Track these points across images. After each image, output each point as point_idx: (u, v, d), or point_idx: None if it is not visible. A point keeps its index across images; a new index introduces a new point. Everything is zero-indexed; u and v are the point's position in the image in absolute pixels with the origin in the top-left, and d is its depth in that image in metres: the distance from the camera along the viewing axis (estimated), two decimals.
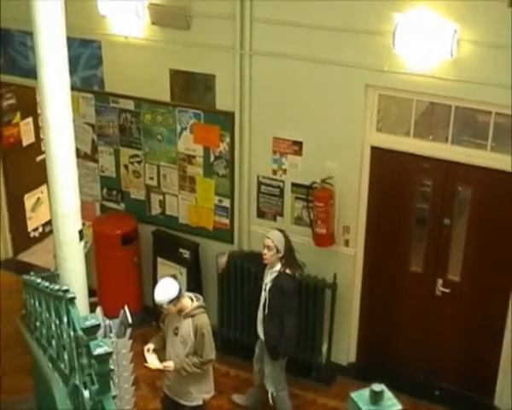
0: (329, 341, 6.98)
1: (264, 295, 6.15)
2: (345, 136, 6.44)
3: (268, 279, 6.11)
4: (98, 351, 2.92)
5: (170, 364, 5.53)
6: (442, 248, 6.55)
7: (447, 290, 6.59)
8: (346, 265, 6.79)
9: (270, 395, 6.36)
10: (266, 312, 6.14)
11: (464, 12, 5.61)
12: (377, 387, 1.96)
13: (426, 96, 6.23)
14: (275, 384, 6.33)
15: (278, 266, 6.05)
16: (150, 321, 7.23)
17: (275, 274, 6.06)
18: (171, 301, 5.40)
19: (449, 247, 6.56)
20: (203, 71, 6.91)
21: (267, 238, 6.07)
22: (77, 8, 6.57)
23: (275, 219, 7.01)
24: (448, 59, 5.73)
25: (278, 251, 6.00)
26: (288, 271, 6.03)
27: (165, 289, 5.43)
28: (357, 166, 6.51)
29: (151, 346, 5.63)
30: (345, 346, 7.13)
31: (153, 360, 5.55)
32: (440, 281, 6.61)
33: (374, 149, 6.47)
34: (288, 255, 6.06)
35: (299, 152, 6.71)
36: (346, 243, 6.77)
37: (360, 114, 6.34)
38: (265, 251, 6.02)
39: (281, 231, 6.21)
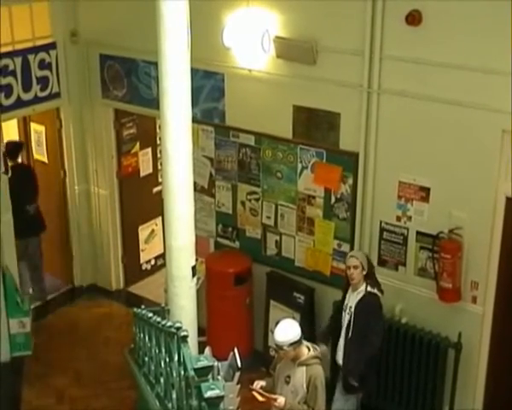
0: (451, 405, 6.77)
1: (347, 318, 6.33)
2: (476, 184, 6.32)
3: (352, 302, 6.31)
4: (210, 394, 3.00)
5: (281, 399, 5.53)
6: None
7: None
8: (472, 324, 6.60)
9: None
10: (350, 335, 6.27)
11: None
12: None
13: None
14: None
15: (363, 286, 6.27)
16: (259, 366, 7.29)
17: (361, 294, 6.26)
18: (292, 344, 5.44)
19: None
20: (327, 108, 7.00)
21: (351, 258, 6.36)
22: (202, 40, 6.83)
23: (396, 269, 6.93)
24: None
25: (363, 268, 6.27)
26: (373, 290, 6.25)
27: (288, 330, 5.49)
28: (490, 218, 6.35)
29: (263, 383, 5.68)
30: None
31: (262, 393, 5.57)
32: None
33: (509, 200, 6.30)
34: (371, 274, 6.32)
35: (425, 198, 6.64)
36: (474, 299, 6.58)
37: (495, 161, 6.20)
38: (352, 271, 6.28)
39: (361, 250, 6.77)
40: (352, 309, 6.28)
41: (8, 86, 8.14)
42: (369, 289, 6.25)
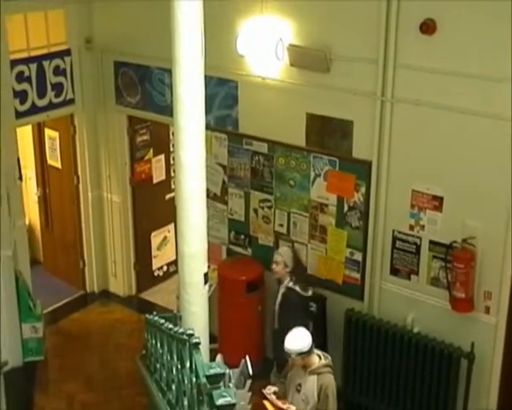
0: None
1: (276, 309, 6.88)
2: (490, 193, 6.28)
3: (279, 294, 6.86)
4: (221, 401, 2.99)
5: (292, 408, 5.52)
6: None
7: None
8: (485, 334, 6.56)
9: None
10: (276, 325, 6.82)
11: None
12: None
13: None
14: None
15: (286, 282, 6.79)
16: (270, 374, 7.27)
17: (283, 289, 6.80)
18: (301, 353, 5.45)
19: None
20: (341, 116, 6.99)
21: (276, 254, 6.95)
22: (216, 47, 6.86)
23: (409, 278, 6.90)
24: None
25: (286, 266, 6.78)
26: (294, 286, 6.73)
27: (299, 338, 5.51)
28: (503, 227, 6.31)
29: (276, 389, 5.68)
30: None
31: (273, 400, 5.57)
32: None
33: None
34: (296, 271, 6.79)
35: (439, 208, 6.61)
36: (487, 310, 6.54)
37: (508, 170, 6.16)
38: (274, 266, 6.85)
39: (290, 247, 7.19)
40: (278, 301, 6.80)
41: (23, 92, 8.20)
42: (290, 285, 6.75)
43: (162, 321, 5.79)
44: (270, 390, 5.64)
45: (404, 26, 6.38)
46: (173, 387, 5.14)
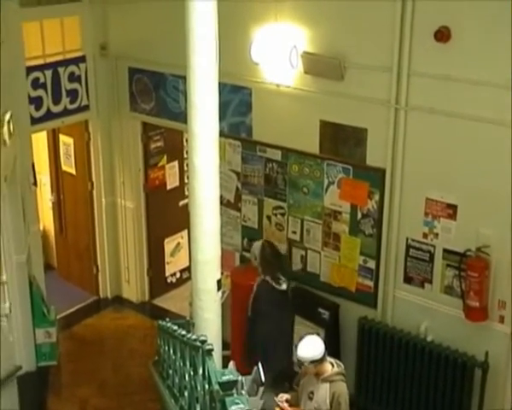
0: None
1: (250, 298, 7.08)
2: (504, 202, 6.23)
3: (255, 285, 7.06)
4: (234, 408, 2.99)
5: None
6: None
7: None
8: (499, 344, 6.51)
9: None
10: (249, 313, 7.00)
11: None
12: None
13: None
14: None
15: (260, 274, 7.00)
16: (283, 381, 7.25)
17: (258, 281, 6.99)
18: (313, 361, 5.43)
19: None
20: (355, 124, 6.98)
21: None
22: (230, 54, 6.84)
23: (422, 286, 6.87)
24: None
25: (255, 258, 7.04)
26: (266, 278, 6.88)
27: (311, 346, 5.49)
28: None
29: (288, 397, 5.65)
30: None
31: (286, 407, 5.56)
32: None
33: None
34: (265, 264, 6.96)
35: (453, 216, 6.58)
36: (501, 319, 6.50)
37: None
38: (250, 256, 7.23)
39: (267, 241, 7.36)
40: (253, 291, 6.99)
41: (38, 99, 8.25)
42: (262, 276, 6.92)
43: (175, 327, 5.80)
44: (282, 398, 5.63)
45: (419, 34, 6.37)
46: (186, 393, 5.14)
